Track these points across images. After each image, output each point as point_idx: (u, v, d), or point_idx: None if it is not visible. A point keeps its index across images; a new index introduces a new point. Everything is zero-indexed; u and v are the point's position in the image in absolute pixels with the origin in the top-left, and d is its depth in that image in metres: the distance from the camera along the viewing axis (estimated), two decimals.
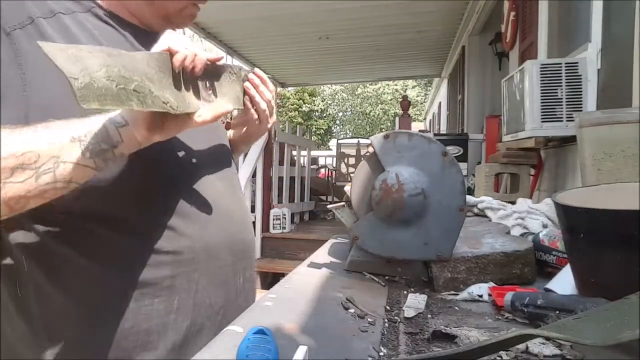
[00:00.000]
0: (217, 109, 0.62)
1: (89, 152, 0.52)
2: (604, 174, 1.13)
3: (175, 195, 0.68)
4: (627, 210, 0.57)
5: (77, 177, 0.53)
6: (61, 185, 0.53)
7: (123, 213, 0.64)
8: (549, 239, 0.86)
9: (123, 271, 0.63)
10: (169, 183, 0.69)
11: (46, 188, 0.52)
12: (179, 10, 0.75)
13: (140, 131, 0.55)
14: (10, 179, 0.50)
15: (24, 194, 0.51)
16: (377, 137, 0.79)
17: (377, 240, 0.79)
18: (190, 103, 0.59)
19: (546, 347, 0.49)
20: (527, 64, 2.02)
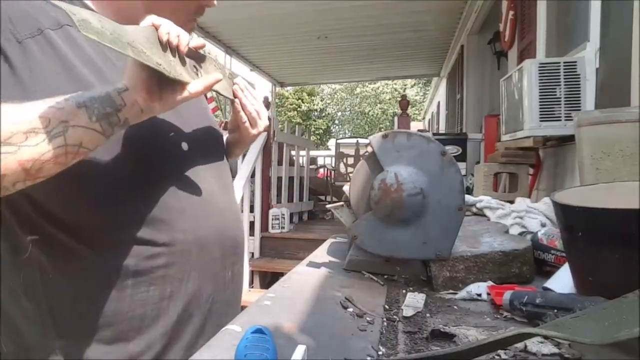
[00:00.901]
0: (208, 80, 0.64)
1: (94, 117, 0.55)
2: (603, 173, 1.13)
3: (170, 189, 0.71)
4: (625, 210, 0.57)
5: (87, 141, 0.56)
6: (72, 150, 0.55)
7: (121, 206, 0.67)
8: (548, 238, 0.87)
9: (120, 261, 0.66)
10: (165, 176, 0.71)
11: (58, 152, 0.55)
12: (180, 25, 0.75)
13: (140, 94, 0.58)
14: (25, 142, 0.53)
15: (37, 157, 0.54)
16: (376, 136, 0.79)
17: (376, 240, 0.79)
18: (181, 74, 0.61)
19: (544, 346, 0.49)
20: (526, 63, 2.02)
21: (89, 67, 0.67)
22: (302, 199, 5.38)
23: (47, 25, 0.66)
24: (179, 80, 0.59)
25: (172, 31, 0.61)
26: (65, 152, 0.55)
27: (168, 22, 0.62)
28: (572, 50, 2.26)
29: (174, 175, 0.73)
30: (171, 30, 0.61)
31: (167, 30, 0.61)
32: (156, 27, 0.61)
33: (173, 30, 0.62)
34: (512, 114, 2.25)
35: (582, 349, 0.48)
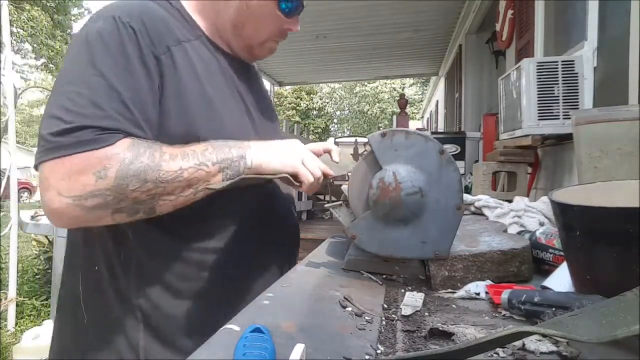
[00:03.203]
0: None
1: (225, 179, 0.75)
2: (601, 171, 1.13)
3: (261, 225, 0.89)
4: (623, 208, 0.57)
5: (212, 192, 0.75)
6: (202, 197, 0.75)
7: (214, 222, 0.83)
8: (546, 237, 0.87)
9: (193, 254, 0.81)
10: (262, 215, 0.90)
11: (196, 199, 0.75)
12: (261, 44, 0.92)
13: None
14: (181, 193, 0.73)
15: (185, 202, 0.74)
16: (374, 135, 0.79)
17: (374, 239, 0.79)
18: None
19: (543, 344, 0.49)
20: (524, 62, 2.02)
21: (198, 83, 0.80)
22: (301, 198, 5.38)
23: (171, 42, 0.79)
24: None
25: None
26: (194, 200, 0.75)
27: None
28: (570, 49, 2.26)
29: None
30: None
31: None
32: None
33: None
34: (511, 113, 2.25)
35: (580, 347, 0.48)
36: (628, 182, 0.74)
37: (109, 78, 0.70)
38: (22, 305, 3.61)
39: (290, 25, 0.92)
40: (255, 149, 0.78)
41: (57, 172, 0.66)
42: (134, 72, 0.72)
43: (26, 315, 3.61)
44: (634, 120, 1.08)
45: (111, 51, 0.72)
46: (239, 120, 0.87)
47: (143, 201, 0.70)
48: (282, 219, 0.96)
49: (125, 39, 0.73)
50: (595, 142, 1.15)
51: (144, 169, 0.68)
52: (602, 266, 0.59)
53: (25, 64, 19.18)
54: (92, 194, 0.67)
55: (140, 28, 0.74)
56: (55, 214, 0.68)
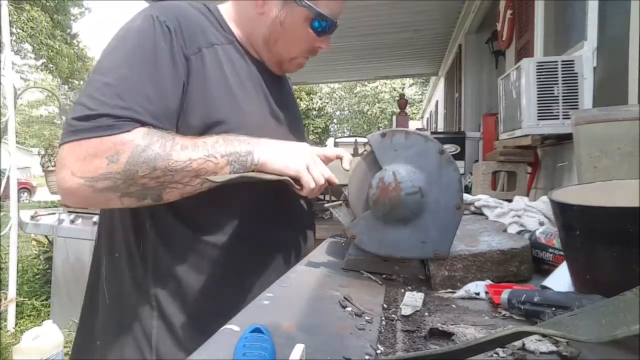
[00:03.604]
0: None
1: (233, 172, 0.77)
2: (600, 171, 1.13)
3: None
4: (623, 208, 0.57)
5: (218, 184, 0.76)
6: (208, 188, 0.78)
7: (226, 216, 0.86)
8: (546, 237, 0.87)
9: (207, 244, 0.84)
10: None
11: (203, 189, 0.78)
12: (291, 59, 0.97)
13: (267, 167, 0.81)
14: (189, 183, 0.76)
15: (192, 192, 0.77)
16: (374, 135, 0.79)
17: (374, 239, 0.79)
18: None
19: (542, 344, 0.49)
20: (524, 62, 2.02)
21: (226, 84, 0.84)
22: None
23: (203, 44, 0.83)
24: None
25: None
26: (200, 189, 0.78)
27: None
28: (570, 49, 2.26)
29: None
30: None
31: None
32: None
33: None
34: (510, 113, 2.25)
35: (579, 347, 0.48)
36: (628, 181, 0.74)
37: (136, 72, 0.75)
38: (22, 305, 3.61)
39: (320, 43, 0.95)
40: (263, 146, 0.81)
41: (73, 154, 0.71)
42: (162, 68, 0.77)
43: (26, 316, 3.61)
44: (633, 120, 1.08)
45: (144, 48, 0.77)
46: (261, 120, 0.90)
47: (151, 187, 0.73)
48: (295, 208, 0.99)
49: (159, 37, 0.78)
50: (595, 142, 1.15)
51: (154, 157, 0.72)
52: (601, 266, 0.59)
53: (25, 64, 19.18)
54: (103, 177, 0.70)
55: (175, 28, 0.79)
56: (67, 192, 0.73)
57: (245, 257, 0.87)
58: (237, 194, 0.85)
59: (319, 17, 0.89)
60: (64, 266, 3.27)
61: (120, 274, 0.85)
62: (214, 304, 0.82)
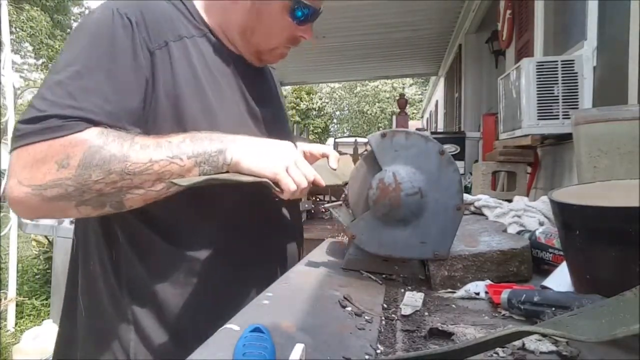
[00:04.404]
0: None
1: (201, 173, 0.70)
2: (600, 171, 1.13)
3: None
4: (622, 208, 0.57)
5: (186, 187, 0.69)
6: (174, 193, 0.71)
7: (205, 222, 0.80)
8: (546, 237, 0.87)
9: (182, 256, 0.78)
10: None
11: (169, 194, 0.71)
12: (271, 50, 0.88)
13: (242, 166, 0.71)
14: (151, 187, 0.68)
15: (156, 197, 0.70)
16: (374, 135, 0.79)
17: (374, 239, 0.79)
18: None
19: (542, 344, 0.49)
20: (524, 62, 2.02)
21: (195, 80, 0.77)
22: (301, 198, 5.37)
23: (171, 37, 0.77)
24: None
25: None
26: (166, 194, 0.70)
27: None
28: (570, 49, 2.27)
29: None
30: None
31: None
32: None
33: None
34: (510, 113, 2.25)
35: (579, 347, 0.48)
36: (628, 181, 0.74)
37: (92, 69, 0.68)
38: (22, 305, 3.61)
39: (302, 32, 0.87)
40: (238, 144, 0.72)
41: (21, 160, 0.64)
42: (121, 63, 0.70)
43: (26, 315, 3.61)
44: (633, 120, 1.08)
45: (101, 42, 0.70)
46: (236, 119, 0.83)
47: (109, 194, 0.66)
48: (279, 217, 0.93)
49: (119, 30, 0.71)
50: (594, 141, 1.15)
51: (109, 159, 0.65)
52: (601, 266, 0.59)
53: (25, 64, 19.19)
54: (52, 184, 0.64)
55: (137, 20, 0.73)
56: (14, 203, 0.66)
57: (223, 270, 0.81)
58: (214, 202, 0.79)
59: (299, 5, 0.81)
60: (63, 266, 3.26)
61: (95, 285, 0.79)
62: (191, 317, 0.77)
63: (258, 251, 0.86)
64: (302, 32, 0.87)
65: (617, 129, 1.11)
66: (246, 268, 0.83)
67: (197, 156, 0.69)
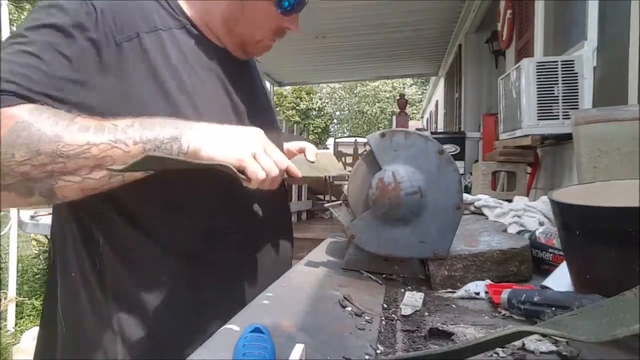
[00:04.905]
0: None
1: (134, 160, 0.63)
2: (600, 171, 1.13)
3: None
4: (622, 208, 0.57)
5: (137, 178, 0.65)
6: (121, 183, 0.64)
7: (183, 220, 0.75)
8: (546, 237, 0.87)
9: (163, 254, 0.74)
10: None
11: (113, 185, 0.64)
12: (255, 42, 0.84)
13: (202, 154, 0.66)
14: (89, 175, 0.61)
15: (97, 187, 0.63)
16: (374, 135, 0.79)
17: (374, 239, 0.79)
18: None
19: (542, 344, 0.49)
20: (524, 62, 2.02)
21: (172, 73, 0.72)
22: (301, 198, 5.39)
23: (144, 29, 0.71)
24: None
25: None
26: (115, 185, 0.64)
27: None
28: (570, 49, 2.27)
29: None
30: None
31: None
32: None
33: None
34: (510, 113, 2.25)
35: (579, 347, 0.48)
36: (628, 181, 0.74)
37: (39, 47, 0.63)
38: (21, 305, 3.61)
39: (288, 24, 0.83)
40: (196, 130, 0.65)
41: None
42: (78, 49, 0.65)
43: (26, 315, 3.61)
44: (633, 120, 1.08)
45: (57, 22, 0.64)
46: (219, 117, 0.76)
47: (36, 178, 0.59)
48: (269, 213, 0.88)
49: (81, 15, 0.66)
50: (594, 141, 1.15)
51: (38, 138, 0.57)
52: (601, 266, 0.59)
53: None
54: None
55: (103, 9, 0.67)
56: None
57: (214, 271, 0.77)
58: (195, 202, 0.75)
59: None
60: None
61: (76, 297, 0.74)
62: (179, 323, 0.73)
63: (247, 251, 0.82)
64: (288, 22, 0.83)
65: (617, 129, 1.11)
66: (236, 270, 0.80)
67: (145, 142, 0.61)
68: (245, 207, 0.83)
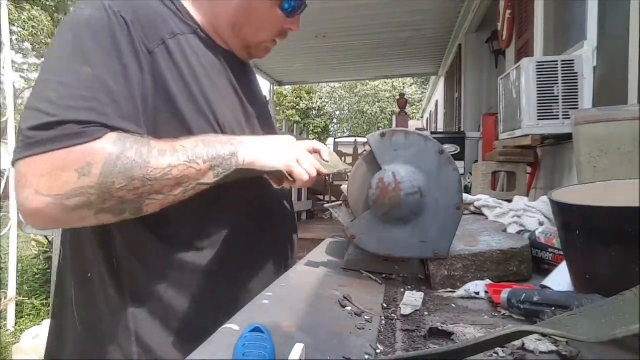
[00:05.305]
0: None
1: (216, 177, 0.71)
2: (600, 171, 1.13)
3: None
4: (622, 208, 0.57)
5: (201, 190, 0.72)
6: (191, 195, 0.71)
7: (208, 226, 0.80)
8: (545, 237, 0.87)
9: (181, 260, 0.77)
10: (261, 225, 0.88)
11: (185, 198, 0.71)
12: (259, 44, 0.89)
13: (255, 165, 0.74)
14: (170, 192, 0.69)
15: (174, 201, 0.70)
16: (374, 135, 0.79)
17: (374, 239, 0.79)
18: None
19: (542, 344, 0.49)
20: (524, 62, 2.02)
21: (193, 76, 0.77)
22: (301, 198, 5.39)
23: (166, 34, 0.76)
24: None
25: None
26: (183, 197, 0.71)
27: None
28: (570, 49, 2.26)
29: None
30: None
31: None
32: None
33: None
34: (510, 113, 2.25)
35: (579, 347, 0.48)
36: (628, 181, 0.74)
37: (97, 69, 0.66)
38: (21, 304, 3.61)
39: (291, 25, 0.88)
40: (248, 145, 0.74)
41: (36, 169, 0.61)
42: (125, 64, 0.68)
43: (26, 315, 3.61)
44: (633, 120, 1.08)
45: (101, 41, 0.67)
46: (234, 116, 0.83)
47: (129, 200, 0.65)
48: (278, 212, 0.94)
49: (117, 29, 0.68)
50: (594, 141, 1.15)
51: (130, 166, 0.64)
52: (601, 266, 0.59)
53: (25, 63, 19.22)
54: (74, 192, 0.61)
55: (132, 19, 0.70)
56: (33, 214, 0.63)
57: (230, 268, 0.81)
58: (216, 201, 0.78)
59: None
60: None
61: (93, 297, 0.77)
62: (198, 320, 0.76)
63: (261, 247, 0.87)
64: (290, 24, 0.88)
65: (617, 129, 1.11)
66: (252, 264, 0.85)
67: (211, 160, 0.70)
68: (260, 207, 0.88)
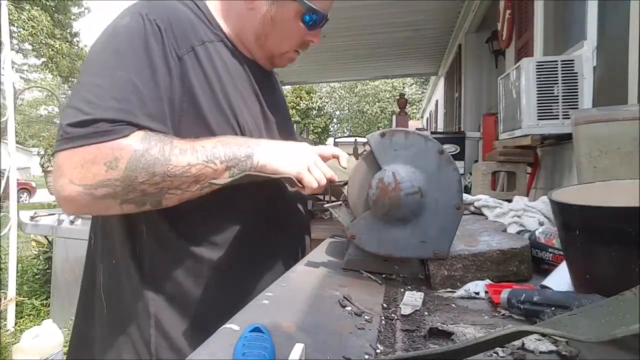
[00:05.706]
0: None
1: (231, 177, 0.76)
2: (600, 171, 1.13)
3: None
4: (622, 208, 0.57)
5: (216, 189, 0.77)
6: (208, 192, 0.78)
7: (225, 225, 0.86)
8: (545, 237, 0.87)
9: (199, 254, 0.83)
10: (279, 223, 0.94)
11: (202, 194, 0.77)
12: (282, 54, 0.95)
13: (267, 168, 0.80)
14: (188, 188, 0.75)
15: (192, 197, 0.77)
16: (373, 135, 0.79)
17: (374, 239, 0.79)
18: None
19: (542, 344, 0.49)
20: (524, 62, 2.02)
21: (220, 82, 0.83)
22: None
23: (195, 42, 0.82)
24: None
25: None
26: (200, 194, 0.77)
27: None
28: (570, 49, 2.26)
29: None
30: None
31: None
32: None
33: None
34: (510, 113, 2.25)
35: (579, 346, 0.48)
36: (627, 181, 0.74)
37: (130, 72, 0.73)
38: (21, 305, 3.61)
39: (312, 37, 0.94)
40: (263, 148, 0.80)
41: (71, 161, 0.70)
42: (156, 68, 0.75)
43: (26, 315, 3.61)
44: (633, 120, 1.08)
45: (135, 47, 0.75)
46: (254, 122, 0.89)
47: (151, 193, 0.73)
48: (291, 212, 0.99)
49: (151, 36, 0.76)
50: (594, 141, 1.15)
51: (153, 162, 0.71)
52: (601, 265, 0.59)
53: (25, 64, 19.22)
54: (102, 184, 0.70)
55: (166, 27, 0.78)
56: (66, 200, 0.72)
57: (244, 263, 0.86)
58: (232, 199, 0.84)
59: (310, 11, 0.89)
60: (63, 266, 3.27)
61: (118, 281, 0.84)
62: (212, 310, 0.81)
63: (276, 242, 0.92)
64: (311, 36, 0.94)
65: (617, 129, 1.11)
66: (265, 259, 0.90)
67: (228, 161, 0.76)
68: (273, 208, 0.92)
